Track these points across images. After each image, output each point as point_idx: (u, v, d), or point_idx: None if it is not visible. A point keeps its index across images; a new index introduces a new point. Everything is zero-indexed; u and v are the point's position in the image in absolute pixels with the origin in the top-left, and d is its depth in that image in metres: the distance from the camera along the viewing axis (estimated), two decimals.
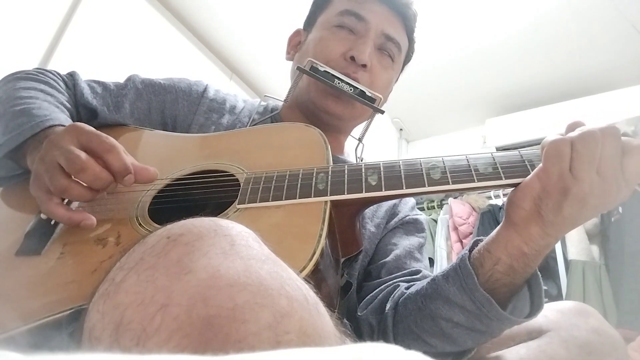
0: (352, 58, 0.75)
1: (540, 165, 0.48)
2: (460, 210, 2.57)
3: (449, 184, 0.51)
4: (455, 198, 2.71)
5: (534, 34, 2.31)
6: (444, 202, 2.77)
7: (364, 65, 0.75)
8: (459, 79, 2.68)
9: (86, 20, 1.86)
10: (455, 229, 2.54)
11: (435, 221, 2.68)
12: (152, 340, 0.24)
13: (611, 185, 0.45)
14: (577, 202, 0.46)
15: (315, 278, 0.45)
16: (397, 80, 0.88)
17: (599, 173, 0.45)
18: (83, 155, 0.51)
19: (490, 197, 2.60)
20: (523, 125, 2.61)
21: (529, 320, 0.54)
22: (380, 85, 0.80)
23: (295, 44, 0.88)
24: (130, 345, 0.25)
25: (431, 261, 2.52)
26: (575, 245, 2.12)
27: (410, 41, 0.85)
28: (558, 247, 2.18)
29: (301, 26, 0.89)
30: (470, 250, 0.56)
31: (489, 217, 2.42)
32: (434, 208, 2.81)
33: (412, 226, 0.81)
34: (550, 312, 0.61)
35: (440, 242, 2.56)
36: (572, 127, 0.48)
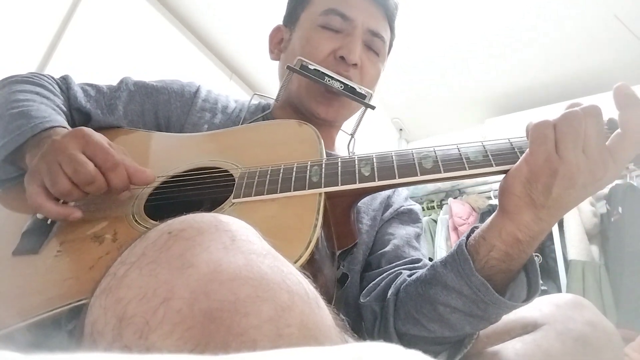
0: (342, 57, 0.76)
1: (527, 149, 0.49)
2: (460, 211, 2.57)
3: (440, 172, 0.52)
4: (455, 198, 2.72)
5: (534, 34, 2.32)
6: (443, 202, 2.77)
7: (355, 64, 0.76)
8: (459, 79, 2.69)
9: (86, 20, 1.86)
10: (455, 229, 2.54)
11: (435, 221, 2.68)
12: (155, 333, 0.25)
13: (598, 164, 0.46)
14: (565, 182, 0.46)
15: (311, 268, 0.46)
16: (383, 69, 0.89)
17: (585, 152, 0.46)
18: (92, 168, 0.53)
19: (490, 198, 2.61)
20: (523, 125, 2.59)
21: (525, 305, 0.54)
22: (370, 80, 0.81)
23: (278, 42, 0.88)
24: (133, 338, 0.25)
25: (431, 261, 2.51)
26: (575, 245, 2.12)
27: (392, 30, 0.86)
28: (558, 247, 2.18)
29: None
30: (468, 237, 0.57)
31: (488, 217, 2.42)
32: (434, 208, 2.80)
33: (406, 216, 0.82)
34: (545, 305, 0.61)
35: (440, 242, 2.56)
36: (569, 108, 0.49)
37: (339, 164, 0.56)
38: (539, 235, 0.51)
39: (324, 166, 0.56)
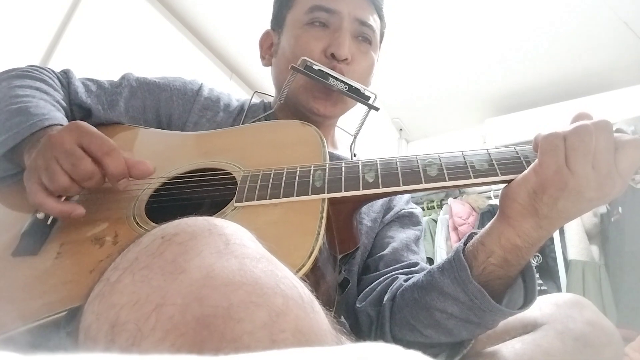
0: (332, 54, 0.75)
1: (537, 160, 0.48)
2: (460, 210, 2.57)
3: (445, 180, 0.52)
4: (455, 198, 2.71)
5: (534, 34, 2.31)
6: (443, 202, 2.77)
7: (345, 59, 0.75)
8: (459, 79, 2.68)
9: (86, 20, 1.86)
10: (455, 229, 2.54)
11: (435, 221, 2.68)
12: (147, 340, 0.25)
13: (606, 179, 0.45)
14: (573, 196, 0.46)
15: (314, 275, 0.45)
16: (377, 59, 0.88)
17: (594, 167, 0.45)
18: (90, 163, 0.52)
19: (490, 197, 2.60)
20: (523, 125, 2.61)
21: (522, 312, 0.54)
22: (364, 71, 0.80)
23: (268, 47, 0.87)
24: (125, 345, 0.25)
25: (431, 261, 2.52)
26: (575, 245, 2.12)
27: (381, 18, 0.85)
28: (558, 247, 2.18)
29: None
30: (465, 243, 0.57)
31: (488, 217, 2.42)
32: (434, 208, 2.80)
33: (407, 219, 0.81)
34: (545, 305, 0.61)
35: (440, 242, 2.56)
36: (578, 118, 0.49)
37: (343, 169, 0.55)
38: (538, 242, 0.51)
39: (327, 171, 0.55)
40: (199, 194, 0.60)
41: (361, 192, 0.53)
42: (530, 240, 0.51)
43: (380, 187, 0.53)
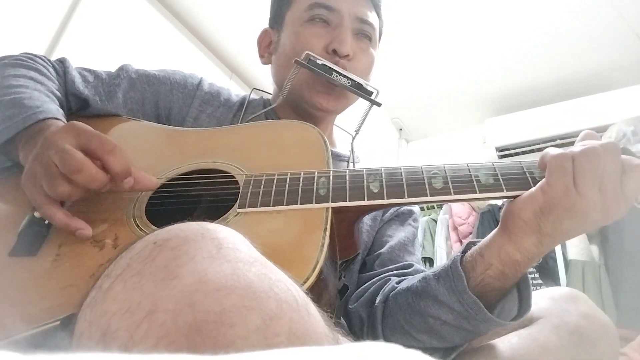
0: (334, 51, 0.75)
1: (544, 179, 0.48)
2: (460, 210, 2.57)
3: (450, 194, 0.51)
4: None
5: (534, 34, 2.31)
6: None
7: (347, 55, 0.75)
8: (459, 79, 2.68)
9: (86, 20, 1.86)
10: (455, 228, 2.54)
11: (435, 221, 2.68)
12: (139, 347, 0.24)
13: (612, 201, 0.45)
14: (578, 217, 0.46)
15: (318, 287, 0.45)
16: (377, 55, 0.88)
17: (601, 189, 0.45)
18: (79, 155, 0.50)
19: None
20: (522, 125, 2.61)
21: (516, 323, 0.54)
22: (365, 68, 0.80)
23: (267, 45, 0.87)
24: (117, 352, 0.25)
25: (431, 261, 2.52)
26: (575, 245, 2.12)
27: (379, 16, 0.84)
28: (558, 246, 2.18)
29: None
30: (464, 252, 0.56)
31: (488, 217, 2.42)
32: (434, 208, 2.80)
33: (407, 216, 0.82)
34: (541, 299, 0.61)
35: (440, 242, 2.56)
36: (585, 138, 0.49)
37: (347, 178, 0.55)
38: (537, 257, 0.51)
39: (331, 178, 0.55)
40: (201, 197, 0.59)
41: (366, 202, 0.52)
42: (529, 256, 0.51)
43: (385, 198, 0.52)
